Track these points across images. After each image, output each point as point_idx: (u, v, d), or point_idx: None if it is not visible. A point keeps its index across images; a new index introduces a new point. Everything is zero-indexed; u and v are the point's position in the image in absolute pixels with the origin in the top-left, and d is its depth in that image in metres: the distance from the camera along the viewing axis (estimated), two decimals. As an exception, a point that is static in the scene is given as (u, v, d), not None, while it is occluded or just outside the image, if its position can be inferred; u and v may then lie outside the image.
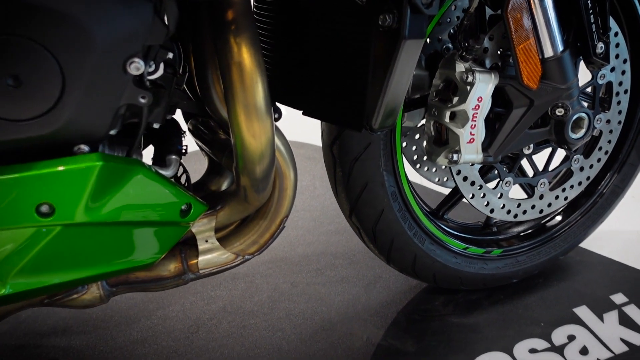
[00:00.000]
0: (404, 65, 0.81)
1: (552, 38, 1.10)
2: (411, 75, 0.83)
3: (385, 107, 0.84)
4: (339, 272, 1.52)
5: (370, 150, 1.15)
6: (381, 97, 0.83)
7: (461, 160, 1.15)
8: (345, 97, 0.88)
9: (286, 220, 1.12)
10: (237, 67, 0.81)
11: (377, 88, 0.83)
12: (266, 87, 0.83)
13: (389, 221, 1.23)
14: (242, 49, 0.80)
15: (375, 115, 0.85)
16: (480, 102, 1.12)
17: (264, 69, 0.83)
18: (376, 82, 0.82)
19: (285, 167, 1.05)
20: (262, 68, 0.82)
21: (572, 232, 1.46)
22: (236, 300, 1.43)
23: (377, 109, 0.84)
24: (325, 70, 0.90)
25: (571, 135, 1.20)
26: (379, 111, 0.84)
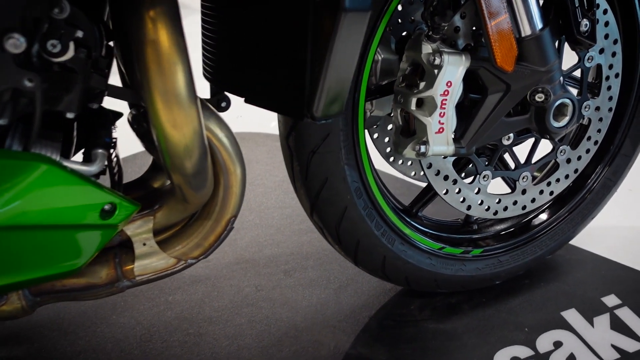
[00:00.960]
0: (346, 42, 0.70)
1: (530, 14, 0.98)
2: (356, 54, 0.73)
3: (327, 91, 0.73)
4: (308, 275, 1.42)
5: (328, 143, 1.04)
6: (321, 80, 0.72)
7: (429, 152, 1.04)
8: (284, 81, 0.77)
9: (234, 220, 1.01)
10: (152, 47, 0.70)
11: (316, 70, 0.72)
12: (188, 70, 0.73)
13: (353, 220, 1.12)
14: (158, 24, 0.69)
15: (316, 102, 0.74)
16: (450, 87, 1.00)
17: (185, 50, 0.72)
18: (315, 63, 0.72)
19: (230, 162, 0.94)
20: (182, 48, 0.71)
21: (560, 229, 1.34)
22: (195, 306, 1.32)
23: (317, 94, 0.73)
24: (263, 52, 0.79)
25: (553, 123, 1.08)
26: (320, 97, 0.73)
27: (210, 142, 0.92)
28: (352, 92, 1.04)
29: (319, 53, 0.71)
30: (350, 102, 1.04)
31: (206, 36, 0.94)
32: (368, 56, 1.03)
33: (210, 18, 0.91)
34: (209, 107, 0.93)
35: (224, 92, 1.00)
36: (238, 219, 1.65)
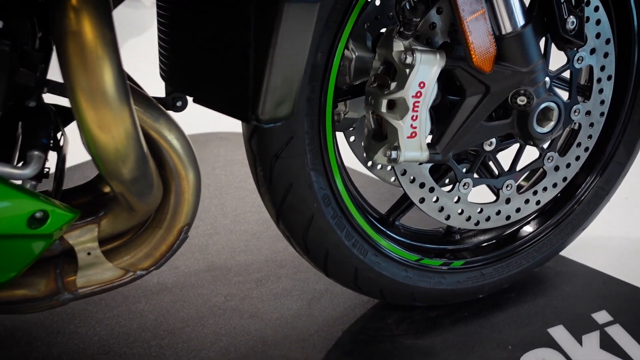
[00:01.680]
0: (293, 36, 0.63)
1: (510, 10, 0.91)
2: (305, 51, 0.66)
3: (273, 91, 0.66)
4: (281, 284, 1.34)
5: (292, 146, 0.97)
6: (265, 78, 0.65)
7: (401, 158, 0.96)
8: (228, 80, 0.70)
9: (188, 229, 0.94)
10: (73, 39, 0.63)
11: (260, 67, 0.65)
12: (117, 66, 0.65)
13: (322, 229, 1.05)
14: (82, 14, 0.62)
15: (261, 103, 0.67)
16: (423, 88, 0.93)
17: (114, 43, 0.65)
18: (259, 60, 0.65)
19: (181, 167, 0.87)
20: (110, 41, 0.64)
21: (548, 241, 1.26)
22: (159, 316, 1.25)
23: (262, 95, 0.66)
24: (208, 49, 0.72)
25: (537, 129, 1.00)
26: (266, 97, 0.66)
27: (158, 145, 0.86)
28: (319, 92, 0.96)
29: (262, 49, 0.64)
30: (316, 102, 0.97)
31: (160, 34, 0.87)
32: (336, 53, 0.95)
33: (162, 18, 0.85)
34: (158, 107, 0.86)
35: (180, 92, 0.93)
36: (212, 224, 1.61)
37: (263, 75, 0.65)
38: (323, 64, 0.94)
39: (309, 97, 0.95)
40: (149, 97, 0.85)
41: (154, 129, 0.84)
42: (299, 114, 0.95)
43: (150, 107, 0.84)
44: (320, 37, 0.92)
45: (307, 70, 0.93)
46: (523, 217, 1.20)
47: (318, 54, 0.93)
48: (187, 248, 1.45)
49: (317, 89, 0.95)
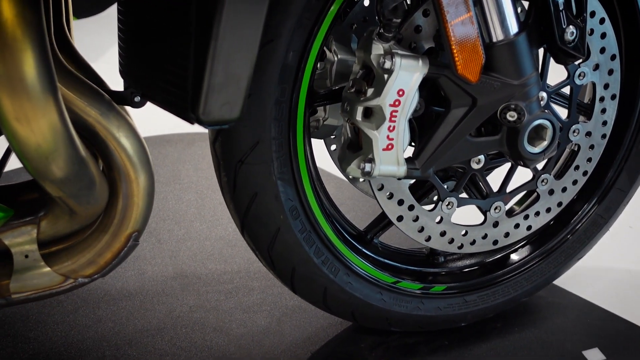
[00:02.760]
0: (238, 27, 0.56)
1: (502, 15, 0.82)
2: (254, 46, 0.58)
3: (216, 90, 0.59)
4: (252, 297, 1.26)
5: (258, 152, 0.89)
6: (206, 75, 0.57)
7: (376, 171, 0.88)
8: (170, 74, 0.63)
9: (138, 236, 0.86)
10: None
11: (200, 61, 0.57)
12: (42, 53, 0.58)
13: (288, 244, 0.97)
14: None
15: (201, 102, 0.59)
16: (402, 96, 0.84)
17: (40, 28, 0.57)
18: (200, 52, 0.57)
19: (130, 168, 0.80)
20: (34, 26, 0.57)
21: (539, 270, 1.17)
22: (117, 324, 1.18)
23: (203, 93, 0.59)
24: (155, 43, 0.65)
25: (528, 148, 0.91)
26: (207, 96, 0.59)
27: (105, 143, 0.78)
28: (289, 95, 0.89)
29: (203, 41, 0.56)
30: (286, 106, 0.89)
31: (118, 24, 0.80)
32: (310, 54, 0.88)
33: (120, 14, 0.78)
34: (108, 101, 0.79)
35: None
36: (187, 228, 1.52)
37: (204, 71, 0.58)
38: (295, 64, 0.86)
39: (277, 100, 0.87)
40: (97, 89, 0.78)
41: (101, 124, 0.77)
42: (265, 117, 0.87)
43: (98, 100, 0.77)
44: (292, 35, 0.85)
45: (276, 71, 0.86)
46: (512, 243, 1.12)
47: (289, 53, 0.85)
48: (158, 253, 1.38)
49: (287, 92, 0.88)
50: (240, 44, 0.59)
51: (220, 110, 0.62)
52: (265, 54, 0.85)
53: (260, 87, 0.86)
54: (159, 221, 1.48)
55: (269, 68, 0.85)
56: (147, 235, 1.44)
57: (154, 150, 1.79)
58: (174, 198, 1.61)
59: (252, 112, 0.87)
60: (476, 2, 0.82)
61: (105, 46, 2.43)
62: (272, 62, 0.85)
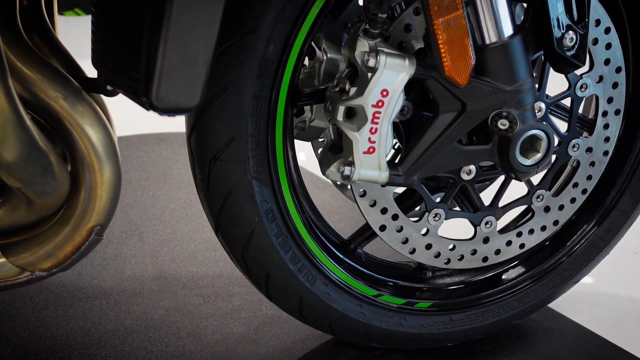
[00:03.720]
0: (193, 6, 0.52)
1: (496, 15, 0.77)
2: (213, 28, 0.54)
3: (169, 73, 0.55)
4: (231, 303, 1.22)
5: (233, 149, 0.85)
6: (159, 56, 0.53)
7: (355, 176, 0.83)
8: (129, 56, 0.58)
9: (101, 230, 0.82)
10: None
11: (153, 42, 0.53)
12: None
13: (263, 248, 0.92)
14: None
15: (154, 85, 0.55)
16: (386, 97, 0.80)
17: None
18: (153, 32, 0.53)
19: (94, 158, 0.76)
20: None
21: (532, 292, 1.11)
22: (89, 324, 1.13)
23: (155, 76, 0.55)
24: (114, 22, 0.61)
25: (520, 159, 0.86)
26: (160, 79, 0.55)
27: (68, 129, 0.75)
28: (269, 91, 0.84)
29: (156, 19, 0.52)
30: (265, 102, 0.85)
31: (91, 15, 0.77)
32: (292, 49, 0.83)
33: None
34: (75, 87, 0.75)
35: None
36: (173, 229, 1.45)
37: (156, 52, 0.54)
38: (276, 58, 0.82)
39: (255, 95, 0.83)
40: (64, 74, 0.74)
41: (64, 109, 0.73)
42: (242, 113, 0.83)
43: (63, 84, 0.73)
44: (273, 27, 0.81)
45: (255, 64, 0.81)
46: (504, 261, 1.06)
47: (270, 46, 0.81)
48: (139, 252, 1.34)
49: (266, 87, 0.83)
50: (197, 25, 0.55)
51: (175, 96, 0.58)
52: (244, 45, 0.81)
53: (237, 79, 0.82)
54: (144, 219, 1.44)
55: (248, 60, 0.81)
56: (130, 234, 1.40)
57: (148, 148, 1.76)
58: (163, 197, 1.57)
59: (229, 106, 0.83)
60: (468, 0, 0.77)
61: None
62: (250, 54, 0.81)
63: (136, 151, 1.64)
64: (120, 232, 1.38)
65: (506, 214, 1.06)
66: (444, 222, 0.98)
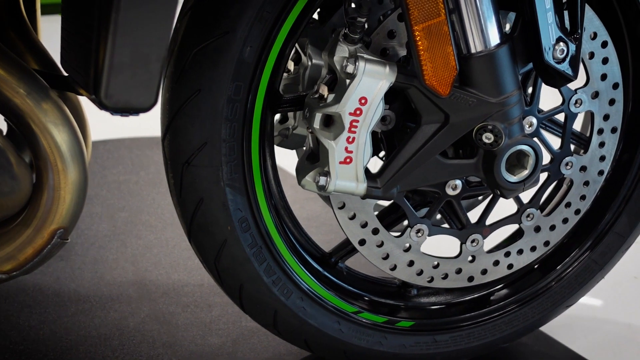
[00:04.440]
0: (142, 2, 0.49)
1: (483, 23, 0.74)
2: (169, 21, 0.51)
3: (119, 70, 0.52)
4: (211, 313, 1.18)
5: (206, 154, 0.81)
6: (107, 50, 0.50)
7: (331, 186, 0.79)
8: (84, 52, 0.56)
9: (64, 234, 0.79)
10: None
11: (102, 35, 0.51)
12: None
13: (236, 258, 0.88)
14: None
15: (103, 82, 0.52)
16: (364, 105, 0.76)
17: None
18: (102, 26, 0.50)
19: (58, 158, 0.73)
20: None
21: (521, 314, 1.06)
22: (60, 329, 1.09)
23: (104, 72, 0.52)
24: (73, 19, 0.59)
25: (505, 175, 0.82)
26: (109, 76, 0.52)
27: (30, 127, 0.72)
28: (245, 95, 0.81)
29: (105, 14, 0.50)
30: (241, 107, 0.82)
31: None
32: (270, 52, 0.80)
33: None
34: (40, 83, 0.72)
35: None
36: (157, 234, 1.40)
37: (105, 47, 0.51)
38: (253, 61, 0.79)
39: (230, 99, 0.80)
40: (31, 71, 0.72)
41: (28, 107, 0.70)
42: (216, 116, 0.80)
43: (27, 81, 0.70)
44: (250, 29, 0.78)
45: (230, 66, 0.78)
46: (491, 282, 1.01)
47: (246, 48, 0.78)
48: (121, 256, 1.31)
49: (242, 91, 0.80)
50: (149, 20, 0.52)
51: (126, 94, 0.55)
52: (218, 46, 0.78)
53: (211, 82, 0.79)
54: (129, 224, 1.41)
55: (222, 62, 0.78)
56: (113, 238, 1.37)
57: (140, 152, 1.73)
58: (151, 202, 1.54)
59: (202, 109, 0.80)
60: (453, 6, 0.73)
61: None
62: (225, 56, 0.78)
63: (128, 154, 1.62)
64: (104, 235, 1.35)
65: (497, 233, 1.03)
66: (432, 238, 0.94)
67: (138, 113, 0.59)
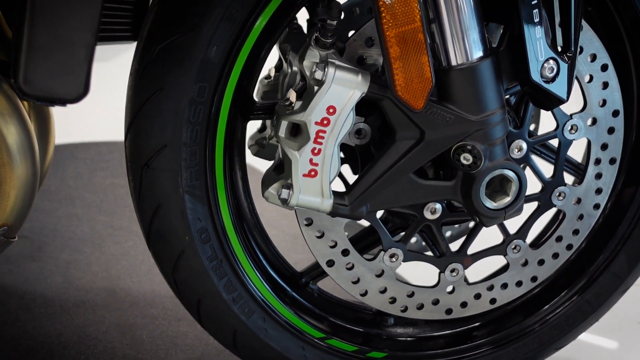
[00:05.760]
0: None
1: (465, 34, 0.68)
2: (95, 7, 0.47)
3: (39, 55, 0.48)
4: (179, 328, 1.11)
5: (164, 157, 0.77)
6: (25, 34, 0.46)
7: (293, 200, 0.74)
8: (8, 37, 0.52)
9: (9, 231, 0.75)
10: None
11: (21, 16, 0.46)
12: None
13: (193, 271, 0.83)
14: None
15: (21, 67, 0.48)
16: (332, 115, 0.71)
17: None
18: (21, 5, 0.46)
19: (4, 151, 0.69)
20: None
21: (505, 354, 0.98)
22: (18, 333, 1.04)
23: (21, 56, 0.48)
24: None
25: (484, 201, 0.76)
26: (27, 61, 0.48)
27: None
28: (210, 97, 0.77)
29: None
30: (205, 109, 0.77)
31: None
32: (239, 54, 0.76)
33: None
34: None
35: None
36: (135, 240, 1.32)
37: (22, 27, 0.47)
38: (219, 62, 0.74)
39: (193, 100, 0.75)
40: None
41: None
42: (176, 118, 0.75)
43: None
44: (216, 27, 0.73)
45: (194, 65, 0.74)
46: (471, 316, 0.94)
47: (212, 47, 0.73)
48: (95, 261, 1.26)
49: (207, 92, 0.75)
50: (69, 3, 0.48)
51: (48, 82, 0.50)
52: (182, 44, 0.74)
53: (173, 81, 0.74)
54: (107, 228, 1.36)
55: (186, 61, 0.74)
56: (90, 242, 1.32)
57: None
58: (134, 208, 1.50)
59: (163, 109, 0.76)
60: (433, 15, 0.67)
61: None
62: (189, 55, 0.73)
63: (119, 158, 1.58)
64: (80, 238, 1.31)
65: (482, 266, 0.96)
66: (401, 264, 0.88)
67: (64, 104, 0.54)
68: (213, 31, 0.73)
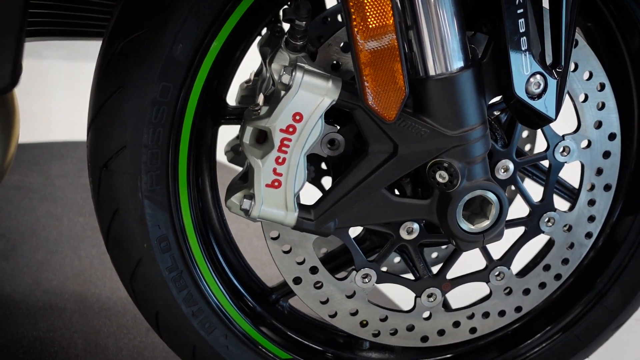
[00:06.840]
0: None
1: (444, 43, 0.63)
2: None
3: None
4: (147, 338, 1.05)
5: (123, 159, 0.72)
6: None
7: (255, 212, 0.69)
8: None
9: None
10: None
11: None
12: None
13: (151, 281, 0.78)
14: None
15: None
16: (299, 122, 0.66)
17: None
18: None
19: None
20: None
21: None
22: None
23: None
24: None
25: (460, 224, 0.70)
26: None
27: None
28: (174, 98, 0.72)
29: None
30: (168, 111, 0.73)
31: None
32: (208, 53, 0.71)
33: None
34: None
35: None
36: (102, 244, 1.34)
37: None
38: (185, 61, 0.70)
39: (155, 100, 0.71)
40: None
41: None
42: (137, 118, 0.71)
43: None
44: (182, 24, 0.69)
45: (157, 64, 0.70)
46: (449, 345, 0.88)
47: (177, 45, 0.69)
48: (68, 263, 1.21)
49: (170, 93, 0.71)
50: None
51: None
52: (146, 40, 0.70)
53: (135, 79, 0.70)
54: (86, 230, 1.31)
55: (149, 58, 0.70)
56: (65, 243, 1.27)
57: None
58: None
59: (123, 108, 0.72)
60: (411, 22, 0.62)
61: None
62: (152, 52, 0.69)
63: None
64: (56, 239, 1.27)
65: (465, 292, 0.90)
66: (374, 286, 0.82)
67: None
68: (179, 28, 0.69)
